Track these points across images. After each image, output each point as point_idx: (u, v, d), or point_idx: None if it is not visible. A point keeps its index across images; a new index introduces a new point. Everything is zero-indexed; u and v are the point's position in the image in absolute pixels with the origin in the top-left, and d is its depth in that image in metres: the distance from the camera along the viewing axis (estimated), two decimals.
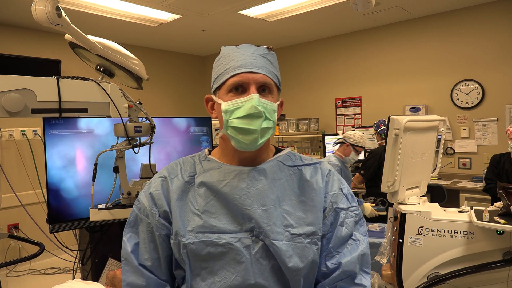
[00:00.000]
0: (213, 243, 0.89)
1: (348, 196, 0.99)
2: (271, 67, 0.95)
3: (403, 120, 1.64)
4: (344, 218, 0.95)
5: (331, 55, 5.12)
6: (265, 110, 0.90)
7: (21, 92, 1.49)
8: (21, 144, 4.06)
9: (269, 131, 0.93)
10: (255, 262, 0.89)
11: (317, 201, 0.94)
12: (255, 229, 0.90)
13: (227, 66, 0.94)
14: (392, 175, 1.69)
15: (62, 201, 2.09)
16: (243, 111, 0.89)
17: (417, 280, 1.68)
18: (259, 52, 0.95)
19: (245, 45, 0.97)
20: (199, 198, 0.94)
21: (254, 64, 0.92)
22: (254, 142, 0.90)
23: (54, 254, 3.99)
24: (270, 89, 0.94)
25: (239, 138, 0.90)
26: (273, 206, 0.92)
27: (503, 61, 3.83)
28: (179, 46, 5.52)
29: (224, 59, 0.96)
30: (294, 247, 0.89)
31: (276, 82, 0.97)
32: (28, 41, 4.24)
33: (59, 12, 1.45)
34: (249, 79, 0.91)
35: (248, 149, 0.93)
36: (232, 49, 0.97)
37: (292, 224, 0.91)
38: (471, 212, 1.65)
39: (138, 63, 1.89)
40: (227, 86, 0.93)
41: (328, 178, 0.99)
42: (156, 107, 5.32)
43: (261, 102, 0.90)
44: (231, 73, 0.92)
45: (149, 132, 1.84)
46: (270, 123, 0.92)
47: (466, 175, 4.08)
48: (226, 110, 0.91)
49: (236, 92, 0.92)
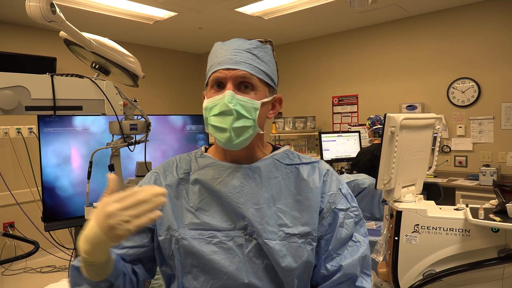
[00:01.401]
0: (206, 241, 0.87)
1: (347, 196, 0.96)
2: (257, 63, 0.92)
3: (399, 118, 1.64)
4: (344, 219, 0.93)
5: (327, 53, 5.12)
6: (242, 107, 0.87)
7: (15, 89, 1.48)
8: (16, 142, 4.04)
9: (248, 130, 0.89)
10: (248, 261, 0.87)
11: (313, 201, 0.92)
12: (248, 227, 0.88)
13: (212, 62, 0.93)
14: (388, 173, 1.69)
15: (57, 199, 2.08)
16: (218, 108, 0.88)
17: (412, 278, 1.68)
18: (243, 47, 0.92)
19: (233, 40, 0.95)
20: (193, 195, 0.93)
21: (233, 59, 0.90)
22: (228, 141, 0.88)
23: (50, 252, 3.98)
24: (253, 85, 0.90)
25: (216, 136, 0.89)
26: (266, 205, 0.90)
27: (499, 59, 3.84)
28: (175, 43, 5.50)
29: (211, 55, 0.95)
30: (288, 247, 0.87)
31: (263, 78, 0.92)
32: (23, 38, 4.21)
33: (53, 8, 1.44)
34: (226, 75, 0.89)
35: (228, 148, 0.91)
36: (219, 45, 0.95)
37: (287, 223, 0.89)
38: (466, 210, 1.65)
39: (134, 60, 1.88)
40: (210, 82, 0.93)
41: (326, 178, 0.96)
42: (152, 105, 5.30)
43: (236, 99, 0.87)
44: (212, 70, 0.91)
45: (144, 130, 1.84)
46: (249, 121, 0.88)
47: (462, 173, 4.09)
48: (206, 107, 0.90)
49: (217, 89, 0.91)
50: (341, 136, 4.29)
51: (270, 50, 0.97)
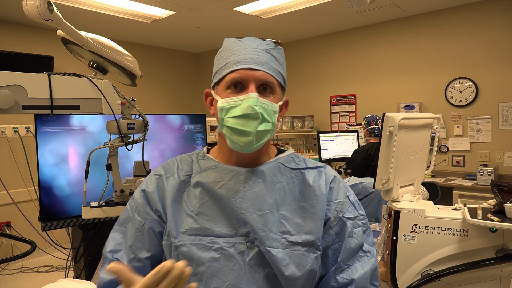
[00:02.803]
0: (206, 247, 0.84)
1: (355, 204, 0.93)
2: (275, 64, 0.89)
3: (398, 118, 1.64)
4: (352, 228, 0.89)
5: (326, 53, 5.11)
6: (264, 111, 0.84)
7: (12, 88, 1.47)
8: (13, 141, 4.02)
9: (267, 134, 0.87)
10: (249, 269, 0.83)
11: (318, 209, 0.88)
12: (250, 234, 0.84)
13: (227, 60, 0.88)
14: (386, 173, 1.69)
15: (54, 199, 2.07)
16: (239, 110, 0.83)
17: (410, 278, 1.68)
18: (262, 46, 0.89)
19: (249, 38, 0.91)
20: (194, 199, 0.89)
21: (255, 60, 0.86)
22: (249, 144, 0.84)
23: (47, 252, 3.96)
24: (272, 89, 0.88)
25: (234, 138, 0.85)
26: (270, 211, 0.86)
27: (496, 59, 3.85)
28: (173, 42, 5.49)
29: (225, 52, 0.90)
30: (291, 255, 0.84)
31: (280, 81, 0.90)
32: (20, 37, 4.19)
33: (50, 7, 1.43)
34: (249, 76, 0.85)
35: (243, 151, 0.87)
36: (235, 42, 0.90)
37: (290, 231, 0.86)
38: (464, 210, 1.65)
39: (131, 59, 1.87)
40: (225, 82, 0.87)
41: (333, 185, 0.92)
42: (149, 104, 5.29)
43: (260, 102, 0.84)
44: (230, 69, 0.86)
45: (142, 129, 1.83)
46: (269, 125, 0.86)
47: (459, 172, 4.10)
48: (222, 107, 0.86)
49: (234, 89, 0.86)
50: (339, 136, 4.29)
51: (283, 51, 0.94)
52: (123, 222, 0.93)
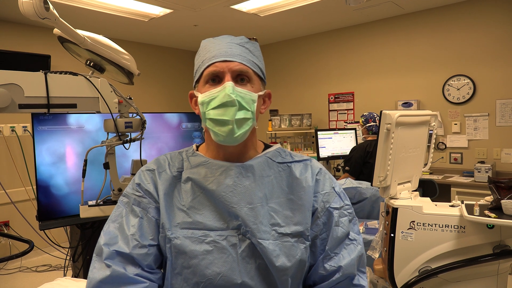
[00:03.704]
0: (199, 240, 0.86)
1: (340, 194, 0.97)
2: (250, 56, 0.92)
3: (395, 115, 1.64)
4: (339, 217, 0.93)
5: (323, 50, 5.11)
6: (242, 99, 0.87)
7: (8, 87, 1.47)
8: (10, 141, 4.00)
9: (248, 122, 0.88)
10: (241, 261, 0.86)
11: (305, 200, 0.92)
12: (242, 227, 0.87)
13: (203, 58, 0.92)
14: (384, 170, 1.70)
15: (52, 198, 2.07)
16: (218, 100, 0.86)
17: (408, 274, 1.69)
18: (236, 41, 0.93)
19: (223, 36, 0.95)
20: (185, 194, 0.91)
21: (229, 52, 0.90)
22: (230, 133, 0.86)
23: (45, 251, 3.96)
24: (249, 78, 0.91)
25: (216, 130, 0.87)
26: (260, 204, 0.89)
27: (494, 56, 3.86)
28: (170, 41, 5.47)
29: (202, 51, 0.94)
30: (281, 246, 0.87)
31: (257, 71, 0.93)
32: (16, 35, 4.17)
33: (46, 5, 1.42)
34: (223, 67, 0.88)
35: (227, 143, 0.89)
36: (209, 41, 0.95)
37: (279, 223, 0.89)
38: (462, 206, 1.66)
39: (129, 58, 1.87)
40: (203, 78, 0.91)
41: (319, 177, 0.96)
42: (147, 103, 5.28)
43: (236, 91, 0.87)
44: (206, 64, 0.90)
45: (139, 127, 1.83)
46: (248, 113, 0.88)
47: (457, 169, 4.11)
48: (203, 102, 0.89)
49: (212, 83, 0.90)
50: (337, 133, 4.29)
51: (258, 46, 0.97)
52: (116, 219, 0.92)
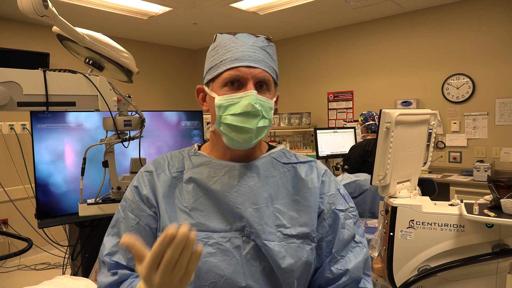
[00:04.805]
0: (202, 242, 0.83)
1: (345, 196, 0.95)
2: (270, 61, 0.90)
3: (395, 114, 1.64)
4: (344, 219, 0.91)
5: (323, 49, 5.11)
6: (262, 108, 0.86)
7: (7, 85, 1.46)
8: (9, 139, 4.00)
9: (265, 130, 0.88)
10: (245, 263, 0.83)
11: (311, 201, 0.90)
12: (246, 228, 0.85)
13: (223, 57, 0.87)
14: (383, 169, 1.69)
15: (50, 196, 2.06)
16: (239, 108, 0.84)
17: (407, 273, 1.69)
18: (258, 44, 0.89)
19: (243, 35, 0.90)
20: (187, 195, 0.88)
21: (253, 57, 0.86)
22: (248, 141, 0.86)
23: (44, 249, 3.95)
24: (268, 85, 0.89)
25: (232, 136, 0.85)
26: (265, 205, 0.87)
27: (493, 55, 3.86)
28: (170, 39, 5.47)
29: (220, 49, 0.89)
30: (287, 247, 0.85)
31: (274, 78, 0.91)
32: (15, 33, 4.16)
33: (45, 3, 1.41)
34: (247, 74, 0.85)
35: (241, 148, 0.88)
36: (230, 39, 0.90)
37: (285, 224, 0.87)
38: (461, 205, 1.66)
39: (128, 56, 1.86)
40: (222, 79, 0.87)
41: (325, 178, 0.95)
42: (146, 101, 5.28)
43: (259, 100, 0.85)
44: (227, 66, 0.86)
45: (138, 126, 1.82)
46: (267, 121, 0.87)
47: (456, 168, 4.11)
48: (220, 105, 0.86)
49: (231, 87, 0.86)
50: (337, 132, 4.29)
51: (275, 48, 0.95)
52: (115, 224, 0.91)
